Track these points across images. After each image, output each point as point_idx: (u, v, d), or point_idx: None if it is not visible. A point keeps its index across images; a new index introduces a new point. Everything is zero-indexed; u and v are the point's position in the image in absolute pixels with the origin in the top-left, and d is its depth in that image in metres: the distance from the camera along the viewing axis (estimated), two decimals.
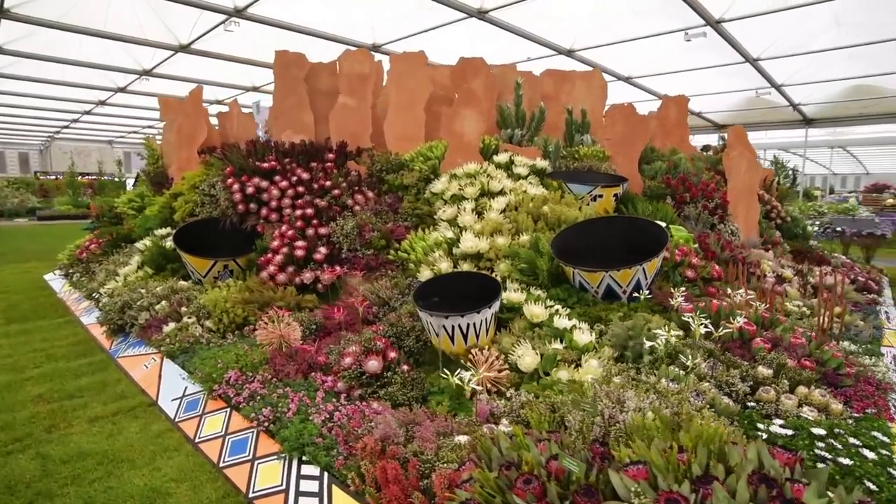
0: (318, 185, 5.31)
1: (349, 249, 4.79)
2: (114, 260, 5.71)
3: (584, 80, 6.67)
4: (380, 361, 3.16)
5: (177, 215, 5.60)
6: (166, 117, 7.07)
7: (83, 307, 5.60)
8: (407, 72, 6.11)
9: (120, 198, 6.90)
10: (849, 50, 12.49)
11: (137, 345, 4.22)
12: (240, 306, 4.21)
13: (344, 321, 4.07)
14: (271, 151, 5.56)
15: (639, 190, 5.66)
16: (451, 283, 3.82)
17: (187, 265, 4.96)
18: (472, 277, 3.86)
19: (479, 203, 4.87)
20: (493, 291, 3.57)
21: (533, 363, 3.11)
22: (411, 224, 5.16)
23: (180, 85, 13.72)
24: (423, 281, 3.72)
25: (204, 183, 5.56)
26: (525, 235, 4.41)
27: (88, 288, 5.51)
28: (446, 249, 4.46)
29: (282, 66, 6.26)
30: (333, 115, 6.22)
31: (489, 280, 3.68)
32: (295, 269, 4.63)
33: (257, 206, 5.28)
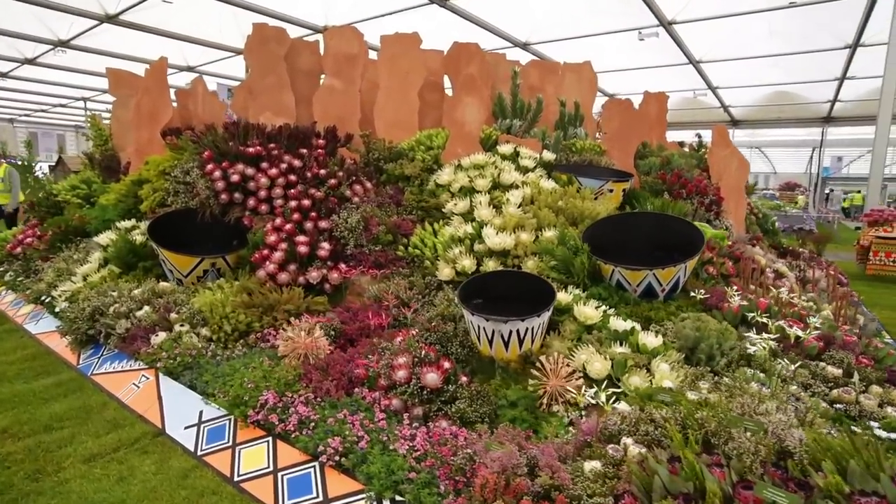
0: (311, 174, 4.74)
1: (356, 245, 4.30)
2: (65, 257, 4.81)
3: (574, 72, 6.49)
4: (439, 373, 2.77)
5: (144, 206, 4.81)
6: (117, 93, 6.08)
7: (26, 313, 4.68)
8: (400, 53, 5.62)
9: (59, 183, 5.87)
10: (776, 58, 13.32)
11: (117, 358, 3.52)
12: (241, 311, 3.62)
13: (368, 326, 3.61)
14: (255, 135, 4.89)
15: (636, 185, 5.57)
16: (489, 283, 3.47)
17: (165, 263, 4.24)
18: (515, 277, 3.52)
19: (493, 196, 4.54)
20: (541, 293, 3.27)
21: (603, 369, 2.84)
22: (416, 218, 4.73)
23: (102, 60, 12.22)
24: (465, 281, 3.34)
25: (176, 169, 4.80)
26: (548, 231, 4.14)
27: (35, 290, 4.60)
28: (468, 245, 4.09)
29: (259, 40, 5.54)
30: (318, 97, 5.62)
31: (536, 281, 3.36)
32: (298, 268, 4.07)
33: (243, 195, 4.62)
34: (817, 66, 13.40)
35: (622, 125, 5.63)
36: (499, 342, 3.05)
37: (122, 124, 5.95)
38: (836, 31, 11.47)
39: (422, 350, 2.95)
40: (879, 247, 6.41)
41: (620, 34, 12.31)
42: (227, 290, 3.83)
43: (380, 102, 5.65)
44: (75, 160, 10.17)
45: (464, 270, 3.99)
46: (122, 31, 11.20)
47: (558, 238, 3.99)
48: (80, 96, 18.01)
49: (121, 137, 6.07)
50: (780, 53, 13.03)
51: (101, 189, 5.49)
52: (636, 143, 5.66)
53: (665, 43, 12.43)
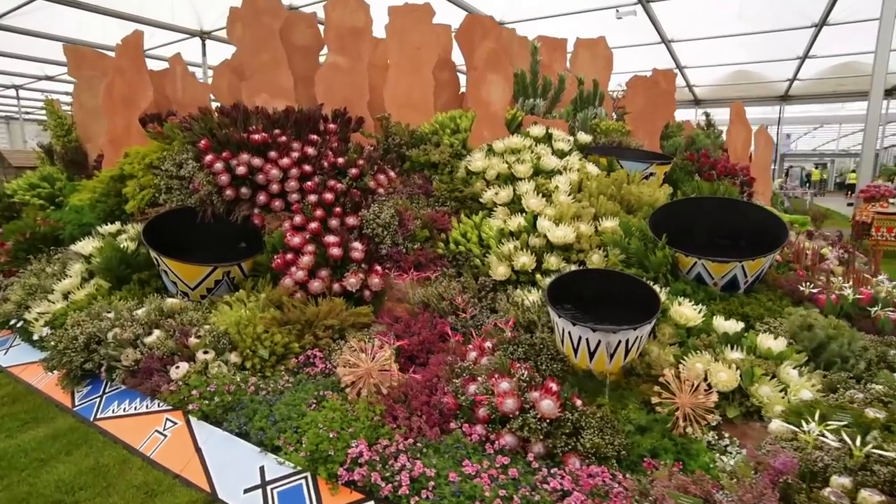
0: (328, 163, 4.06)
1: (393, 244, 3.69)
2: (35, 270, 3.94)
3: (588, 49, 6.01)
4: (554, 399, 2.26)
5: (130, 206, 4.00)
6: (79, 74, 5.11)
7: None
8: (410, 26, 4.96)
9: (14, 182, 4.88)
10: (742, 38, 13.36)
11: (126, 397, 2.81)
12: (275, 330, 2.98)
13: (429, 339, 3.05)
14: (257, 120, 4.15)
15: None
16: (571, 285, 2.97)
17: (166, 274, 3.50)
18: (602, 277, 3.02)
19: (538, 184, 4.02)
20: (633, 294, 2.81)
21: (731, 380, 2.42)
22: (450, 209, 4.17)
23: (36, 43, 10.81)
24: (550, 284, 2.83)
25: (166, 161, 4.02)
26: (607, 221, 3.68)
27: (1, 311, 3.74)
28: (524, 240, 3.57)
29: (251, 13, 4.75)
30: (321, 76, 4.89)
31: (630, 282, 2.88)
32: (331, 273, 3.44)
33: (251, 190, 3.91)
34: (781, 45, 13.52)
35: (647, 104, 5.22)
36: (603, 354, 2.58)
37: (87, 111, 5.01)
38: (803, 9, 11.51)
39: (520, 371, 2.44)
40: (881, 222, 6.40)
41: (597, 13, 11.96)
42: (251, 305, 3.16)
43: (390, 82, 4.99)
44: (18, 154, 8.86)
45: (523, 268, 3.48)
46: (61, 10, 9.81)
47: (623, 229, 3.54)
48: (11, 84, 16.07)
49: (86, 126, 5.13)
50: (747, 33, 13.04)
51: (69, 188, 4.60)
52: (662, 122, 5.28)
53: (641, 22, 12.19)
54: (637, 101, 5.23)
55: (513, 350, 2.73)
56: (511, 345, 2.79)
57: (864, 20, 11.25)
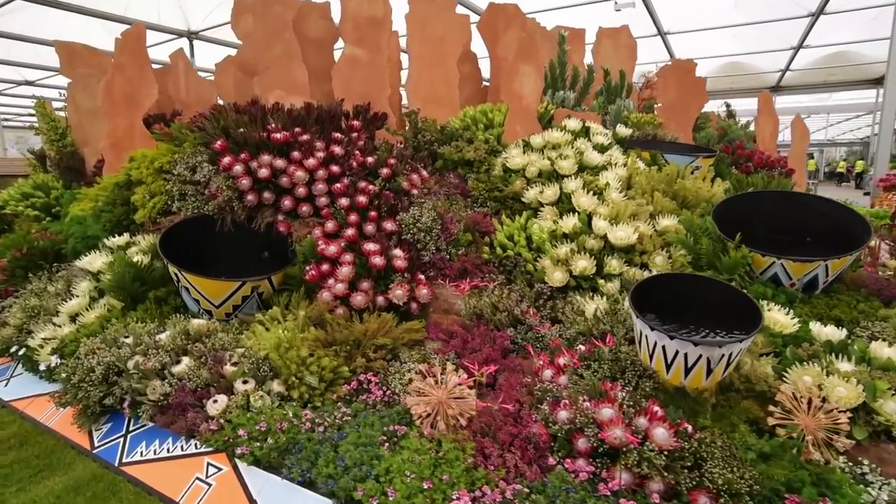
0: (356, 164, 3.69)
1: (437, 250, 3.35)
2: (35, 290, 3.51)
3: (611, 38, 5.71)
4: (666, 427, 1.95)
5: (139, 215, 3.59)
6: (73, 72, 4.65)
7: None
8: (432, 16, 4.60)
9: (4, 192, 4.41)
10: (736, 29, 13.24)
11: (155, 437, 2.43)
12: (321, 353, 2.62)
13: (493, 356, 2.72)
14: (278, 117, 3.76)
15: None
16: (651, 291, 2.65)
17: (188, 291, 3.10)
18: (687, 283, 2.71)
19: (586, 181, 3.70)
20: (723, 301, 2.51)
21: (853, 397, 2.14)
22: (490, 210, 3.83)
23: (12, 46, 10.20)
24: (631, 292, 2.51)
25: (178, 165, 3.61)
26: (665, 219, 3.38)
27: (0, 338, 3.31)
28: (581, 242, 3.25)
29: (262, 2, 4.34)
30: (338, 70, 4.51)
31: (717, 286, 2.58)
32: (373, 285, 3.07)
33: (274, 194, 3.53)
34: (775, 35, 13.40)
35: (680, 94, 4.94)
36: (701, 370, 2.27)
37: (83, 113, 4.56)
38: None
39: (618, 392, 2.12)
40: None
41: (594, 6, 11.71)
42: (290, 325, 2.79)
43: (412, 75, 4.63)
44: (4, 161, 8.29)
45: (582, 273, 3.16)
46: (41, 12, 9.24)
47: (687, 227, 3.24)
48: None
49: (82, 129, 4.67)
50: (742, 24, 12.91)
51: (67, 197, 4.15)
52: (695, 113, 5.00)
53: (638, 14, 11.96)
54: (668, 92, 4.95)
55: (596, 367, 2.41)
56: (592, 361, 2.47)
57: (860, 8, 11.19)
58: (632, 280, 3.18)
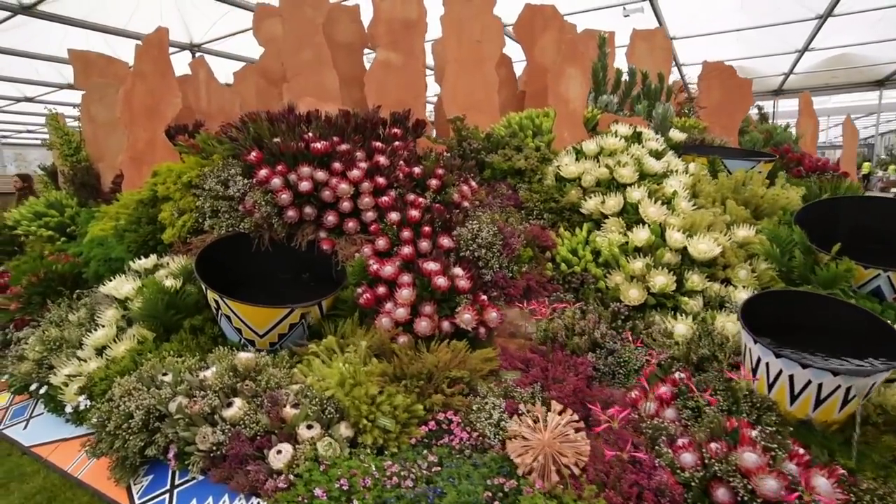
0: (402, 174, 3.38)
1: (500, 268, 3.03)
2: (54, 319, 3.15)
3: (645, 41, 5.46)
4: (825, 474, 1.65)
5: (168, 234, 3.25)
6: (87, 82, 4.31)
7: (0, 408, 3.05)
8: (469, 18, 4.31)
9: (15, 211, 4.05)
10: (741, 33, 13.10)
11: (208, 493, 2.09)
12: (391, 389, 2.29)
13: (581, 388, 2.40)
14: (316, 126, 3.45)
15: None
16: (759, 311, 2.35)
17: (228, 320, 2.76)
18: (810, 301, 2.40)
19: (651, 190, 3.41)
20: (854, 324, 2.21)
21: None
22: (546, 223, 3.53)
23: (11, 62, 9.85)
24: (742, 310, 2.21)
25: (209, 179, 3.29)
26: (742, 230, 3.09)
27: (18, 374, 2.94)
28: (660, 256, 2.95)
29: (292, 3, 4.04)
30: (372, 76, 4.21)
31: (843, 308, 2.28)
32: (436, 309, 2.75)
33: (317, 209, 3.20)
34: (779, 38, 13.28)
35: (724, 96, 4.69)
36: (836, 401, 1.98)
37: (99, 125, 4.22)
38: (807, 1, 11.24)
39: (752, 432, 1.81)
40: None
41: (603, 11, 11.52)
42: (350, 357, 2.46)
43: (448, 80, 4.34)
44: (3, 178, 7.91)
45: (662, 290, 2.85)
46: (42, 27, 8.88)
47: (770, 237, 2.95)
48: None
49: (98, 142, 4.33)
50: (748, 27, 12.77)
51: (84, 215, 3.80)
52: (741, 116, 4.75)
53: (647, 19, 11.78)
54: (713, 94, 4.70)
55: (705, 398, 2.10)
56: (727, 393, 2.15)
57: (868, 10, 11.06)
58: (715, 297, 2.89)
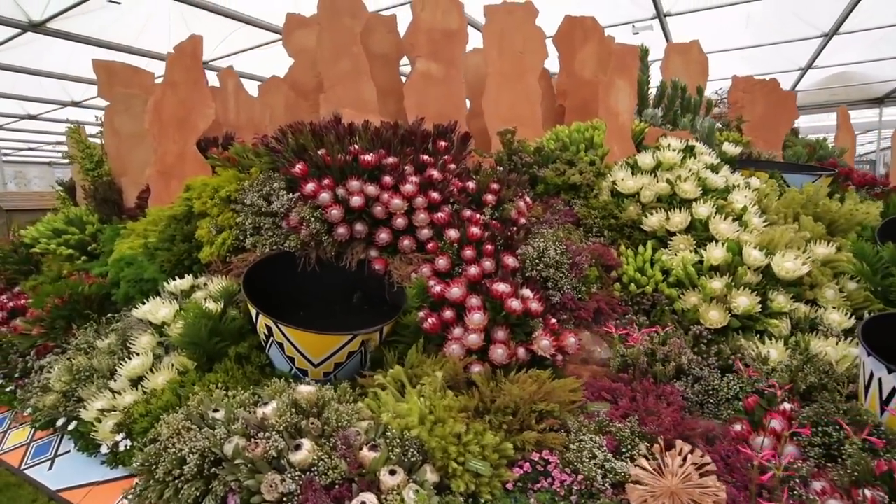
0: (456, 189, 3.17)
1: (571, 288, 2.81)
2: (81, 345, 2.87)
3: (680, 54, 5.35)
4: None
5: (205, 253, 3.00)
6: (112, 93, 4.08)
7: (20, 444, 2.75)
8: (511, 29, 4.16)
9: (32, 228, 3.77)
10: (746, 51, 13.18)
11: None
12: (477, 427, 2.04)
13: (678, 422, 2.16)
14: (365, 137, 3.25)
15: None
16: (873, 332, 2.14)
17: (281, 347, 2.50)
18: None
19: (719, 206, 3.22)
20: None
21: None
22: (606, 240, 3.33)
23: (17, 79, 9.64)
24: (861, 334, 2.00)
25: (250, 194, 3.05)
26: (821, 247, 2.90)
27: (43, 407, 2.65)
28: (742, 275, 2.74)
29: (330, 11, 3.86)
30: (411, 87, 4.03)
31: None
32: (510, 335, 2.51)
33: (368, 226, 2.98)
34: (784, 56, 13.37)
35: (768, 110, 4.56)
36: None
37: (123, 138, 3.98)
38: (813, 19, 11.32)
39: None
40: None
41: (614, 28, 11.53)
42: (426, 389, 2.21)
43: (490, 92, 4.16)
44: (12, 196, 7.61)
45: (746, 312, 2.64)
46: (48, 44, 8.71)
47: (857, 254, 2.76)
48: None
49: (121, 156, 4.08)
50: (754, 45, 12.84)
51: (109, 232, 3.54)
52: (784, 130, 4.62)
53: (655, 38, 11.81)
54: (756, 108, 4.57)
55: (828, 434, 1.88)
56: (824, 426, 1.93)
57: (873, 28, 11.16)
58: (804, 319, 2.68)
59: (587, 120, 3.97)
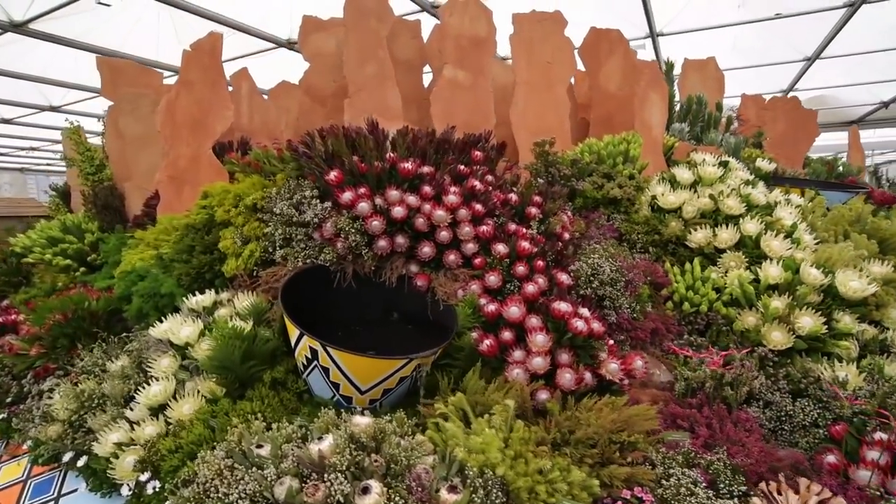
0: (498, 201, 3.00)
1: (629, 307, 2.65)
2: (87, 367, 2.56)
3: (697, 71, 5.34)
4: None
5: (230, 266, 2.74)
6: (116, 93, 3.77)
7: (16, 481, 2.42)
8: (540, 38, 4.05)
9: (23, 236, 3.42)
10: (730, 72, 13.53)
11: None
12: (561, 462, 1.85)
13: (765, 451, 2.01)
14: (402, 144, 3.06)
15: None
16: None
17: (325, 372, 2.26)
18: None
19: (767, 223, 3.14)
20: None
21: None
22: (652, 257, 3.20)
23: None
24: None
25: (279, 202, 2.82)
26: (877, 266, 2.83)
27: (44, 440, 2.33)
28: (804, 294, 2.63)
29: (357, 13, 3.68)
30: (438, 94, 3.86)
31: None
32: (575, 358, 2.33)
33: (410, 239, 2.77)
34: (766, 79, 13.78)
35: (790, 127, 4.56)
36: None
37: (128, 140, 3.67)
38: (797, 43, 11.69)
39: None
40: None
41: None
42: (496, 420, 2.00)
43: (518, 102, 4.03)
44: None
45: (812, 333, 2.53)
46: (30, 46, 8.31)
47: None
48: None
49: (124, 160, 3.77)
50: (737, 67, 13.18)
51: (113, 242, 3.22)
52: (806, 147, 4.62)
53: (647, 55, 12.01)
54: (777, 126, 4.57)
55: None
56: None
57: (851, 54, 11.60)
58: (871, 340, 2.59)
59: (612, 133, 3.88)
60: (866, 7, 9.27)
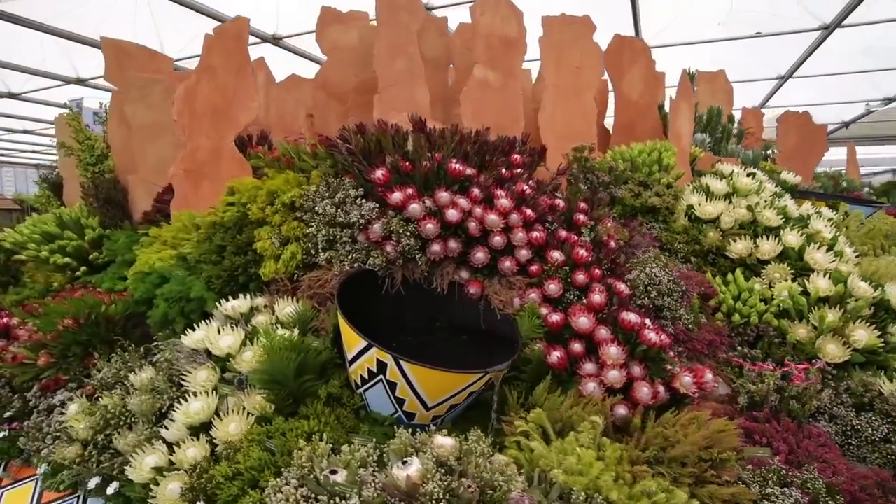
0: (545, 206, 2.92)
1: (687, 318, 2.61)
2: (105, 381, 2.29)
3: (708, 83, 5.43)
4: None
5: (269, 269, 2.53)
6: (123, 78, 3.44)
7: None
8: (569, 42, 4.01)
9: (12, 231, 3.06)
10: None
11: None
12: (662, 483, 1.76)
13: (847, 470, 1.99)
14: (450, 143, 2.93)
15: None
16: None
17: (391, 387, 2.09)
18: None
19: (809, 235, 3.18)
20: None
21: None
22: (693, 267, 3.19)
23: None
24: None
25: (321, 201, 2.64)
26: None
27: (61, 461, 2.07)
28: (859, 308, 2.66)
29: (388, 7, 3.53)
30: (468, 95, 3.75)
31: None
32: (647, 370, 2.26)
33: (462, 244, 2.64)
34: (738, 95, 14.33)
35: (800, 142, 4.69)
36: None
37: (136, 129, 3.36)
38: (772, 62, 12.23)
39: None
40: None
41: None
42: (584, 438, 1.90)
43: (546, 106, 3.97)
44: None
45: (869, 346, 2.56)
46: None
47: None
48: None
49: (129, 150, 3.45)
50: None
51: (121, 240, 2.93)
52: (815, 161, 4.77)
53: None
54: (788, 140, 4.69)
55: None
56: None
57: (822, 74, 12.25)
58: None
59: (635, 141, 3.89)
60: (839, 31, 9.79)
